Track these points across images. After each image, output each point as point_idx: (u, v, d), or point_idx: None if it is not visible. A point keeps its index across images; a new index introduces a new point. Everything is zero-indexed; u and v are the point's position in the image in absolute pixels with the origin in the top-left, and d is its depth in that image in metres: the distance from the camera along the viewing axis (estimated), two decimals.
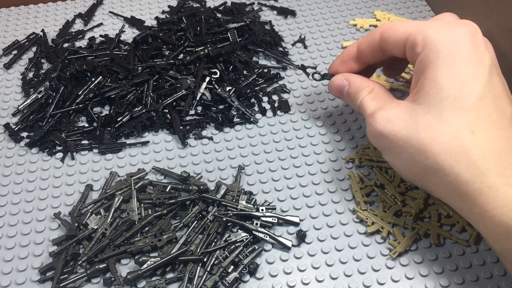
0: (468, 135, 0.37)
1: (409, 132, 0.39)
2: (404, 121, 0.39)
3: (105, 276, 0.42)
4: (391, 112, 0.40)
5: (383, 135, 0.40)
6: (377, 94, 0.44)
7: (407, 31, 0.41)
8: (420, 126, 0.38)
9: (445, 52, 0.38)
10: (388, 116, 0.40)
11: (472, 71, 0.38)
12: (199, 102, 0.56)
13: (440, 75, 0.38)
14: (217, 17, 0.66)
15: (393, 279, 0.42)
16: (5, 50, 0.62)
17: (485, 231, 0.37)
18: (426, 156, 0.37)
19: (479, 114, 0.37)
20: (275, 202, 0.48)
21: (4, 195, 0.48)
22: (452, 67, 0.38)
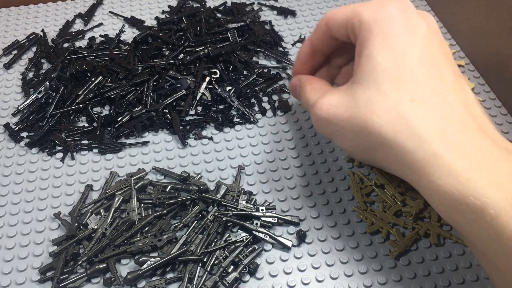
0: (407, 104, 0.36)
1: (351, 111, 0.38)
2: (346, 103, 0.39)
3: (105, 276, 0.42)
4: (332, 98, 0.40)
5: (327, 121, 0.40)
6: (318, 86, 0.44)
7: (346, 17, 0.42)
8: (360, 103, 0.38)
9: (377, 29, 0.39)
10: (329, 102, 0.40)
11: (405, 42, 0.38)
12: (199, 102, 0.56)
13: (374, 51, 0.38)
14: (217, 17, 0.66)
15: (393, 279, 0.42)
16: (5, 50, 0.62)
17: (433, 202, 0.35)
18: (369, 132, 0.37)
19: (417, 82, 0.37)
20: (275, 202, 0.48)
21: (4, 195, 0.48)
22: (385, 41, 0.38)
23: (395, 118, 0.36)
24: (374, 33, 0.39)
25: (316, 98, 0.42)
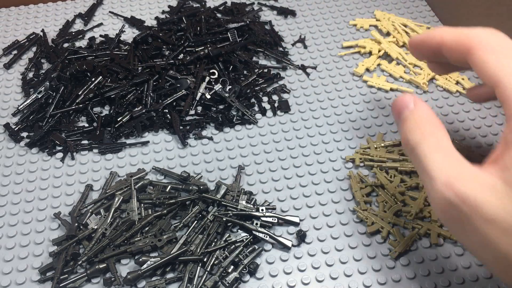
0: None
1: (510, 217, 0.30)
2: (504, 189, 0.31)
3: (105, 276, 0.42)
4: (481, 176, 0.32)
5: (470, 208, 0.31)
6: (447, 148, 0.35)
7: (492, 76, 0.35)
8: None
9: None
10: (477, 181, 0.32)
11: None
12: (199, 102, 0.56)
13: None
14: (217, 17, 0.66)
15: (393, 279, 0.42)
16: (5, 50, 0.62)
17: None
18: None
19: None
20: (275, 202, 0.48)
21: (4, 195, 0.48)
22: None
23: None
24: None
25: (448, 170, 0.33)
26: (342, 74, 0.60)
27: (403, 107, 0.38)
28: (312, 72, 0.60)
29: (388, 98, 0.57)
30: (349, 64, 0.61)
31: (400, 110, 0.38)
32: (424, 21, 0.66)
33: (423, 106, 0.37)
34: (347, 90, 0.58)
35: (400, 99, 0.38)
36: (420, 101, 0.38)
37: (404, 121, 0.38)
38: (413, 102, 0.38)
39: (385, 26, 0.64)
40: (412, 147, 0.36)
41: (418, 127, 0.36)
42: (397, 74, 0.59)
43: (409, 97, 0.38)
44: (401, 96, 0.39)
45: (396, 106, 0.39)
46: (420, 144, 0.35)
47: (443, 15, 0.66)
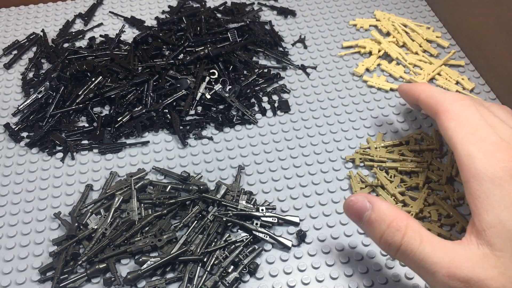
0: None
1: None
2: (497, 270, 0.33)
3: (105, 276, 0.42)
4: (477, 262, 0.33)
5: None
6: (428, 236, 0.36)
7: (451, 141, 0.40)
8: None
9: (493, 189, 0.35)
10: (471, 261, 0.33)
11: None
12: (199, 102, 0.56)
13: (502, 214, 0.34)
14: (217, 17, 0.66)
15: (393, 279, 0.42)
16: (5, 50, 0.62)
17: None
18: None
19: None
20: (275, 202, 0.48)
21: (4, 195, 0.48)
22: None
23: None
24: (490, 193, 0.35)
25: (443, 260, 0.34)
26: (342, 74, 0.60)
27: (360, 210, 0.38)
28: (312, 72, 0.60)
29: (388, 98, 0.57)
30: (349, 64, 0.61)
31: (358, 214, 0.38)
32: (424, 21, 0.66)
33: (380, 202, 0.37)
34: (347, 90, 0.58)
35: (353, 202, 0.38)
36: (374, 198, 0.38)
37: (369, 224, 0.37)
38: (367, 200, 0.38)
39: (385, 26, 0.64)
40: (396, 248, 0.36)
41: (392, 227, 0.36)
42: (397, 74, 0.59)
43: (361, 197, 0.38)
44: (351, 199, 0.38)
45: (352, 210, 0.38)
46: (404, 244, 0.35)
47: (443, 15, 0.66)
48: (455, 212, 0.45)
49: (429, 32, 0.64)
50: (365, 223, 0.38)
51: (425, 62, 0.60)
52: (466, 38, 0.62)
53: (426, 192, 0.47)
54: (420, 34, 0.63)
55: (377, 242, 0.37)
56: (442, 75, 0.59)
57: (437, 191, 0.47)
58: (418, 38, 0.63)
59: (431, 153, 0.50)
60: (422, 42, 0.62)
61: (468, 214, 0.46)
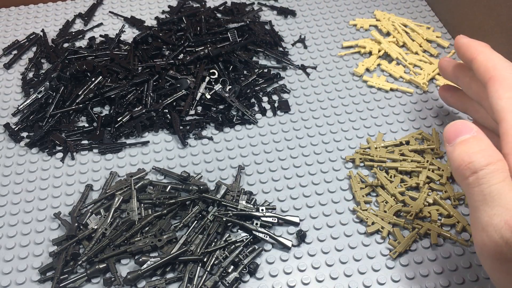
0: None
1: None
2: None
3: (105, 276, 0.42)
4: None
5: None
6: (510, 180, 0.33)
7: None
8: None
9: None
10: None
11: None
12: (199, 102, 0.56)
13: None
14: (217, 17, 0.66)
15: (393, 279, 0.42)
16: (5, 50, 0.62)
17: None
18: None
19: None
20: (275, 202, 0.48)
21: (4, 195, 0.48)
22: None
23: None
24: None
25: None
26: (342, 74, 0.60)
27: (462, 131, 0.36)
28: (312, 72, 0.60)
29: (388, 98, 0.57)
30: (349, 64, 0.61)
31: (458, 133, 0.36)
32: (424, 21, 0.66)
33: (485, 135, 0.36)
34: (347, 90, 0.58)
35: (461, 123, 0.37)
36: (481, 131, 0.36)
37: (464, 143, 0.35)
38: (475, 129, 0.36)
39: (385, 26, 0.64)
40: (475, 170, 0.33)
41: (486, 151, 0.34)
42: (397, 74, 0.59)
43: (471, 124, 0.36)
44: (461, 120, 0.37)
45: (453, 129, 0.37)
46: (487, 171, 0.33)
47: (443, 15, 0.66)
48: (455, 212, 0.45)
49: (429, 32, 0.64)
50: (457, 142, 0.35)
51: (425, 62, 0.60)
52: None
53: (426, 192, 0.47)
54: (420, 34, 0.63)
55: (457, 158, 0.35)
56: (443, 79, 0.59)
57: (437, 191, 0.47)
58: (418, 38, 0.63)
59: (431, 153, 0.50)
60: (422, 42, 0.62)
61: (468, 214, 0.46)
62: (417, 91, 0.57)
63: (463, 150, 0.35)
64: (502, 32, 0.55)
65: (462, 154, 0.35)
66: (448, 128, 0.37)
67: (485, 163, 0.33)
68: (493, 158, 0.34)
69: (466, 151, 0.35)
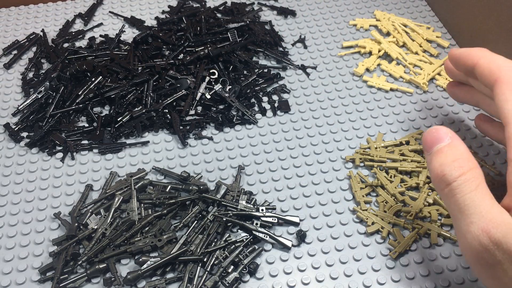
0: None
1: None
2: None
3: (105, 276, 0.42)
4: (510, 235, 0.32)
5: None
6: (484, 189, 0.34)
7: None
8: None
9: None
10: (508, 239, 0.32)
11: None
12: (199, 102, 0.56)
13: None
14: (217, 17, 0.66)
15: (393, 279, 0.42)
16: (5, 50, 0.62)
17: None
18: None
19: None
20: (275, 202, 0.48)
21: (4, 195, 0.48)
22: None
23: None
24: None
25: (486, 215, 0.33)
26: (342, 74, 0.60)
27: (437, 139, 0.37)
28: (312, 72, 0.60)
29: (388, 98, 0.57)
30: (349, 64, 0.61)
31: (434, 142, 0.37)
32: (424, 21, 0.66)
33: (460, 141, 0.37)
34: (347, 90, 0.58)
35: (435, 130, 0.37)
36: (456, 136, 0.37)
37: (438, 153, 0.36)
38: (449, 136, 0.37)
39: (385, 26, 0.64)
40: (449, 182, 0.35)
41: (458, 162, 0.35)
42: (397, 74, 0.59)
43: (445, 130, 0.37)
44: (435, 127, 0.38)
45: (429, 137, 0.37)
46: (459, 182, 0.34)
47: (443, 15, 0.66)
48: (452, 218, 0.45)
49: (429, 32, 0.64)
50: (433, 152, 0.37)
51: (425, 62, 0.60)
52: (466, 38, 0.62)
53: (426, 192, 0.47)
54: (420, 34, 0.63)
55: (433, 171, 0.36)
56: (442, 75, 0.59)
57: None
58: (418, 38, 0.63)
59: None
60: (422, 42, 0.62)
61: None
62: (417, 91, 0.57)
63: (437, 161, 0.36)
64: (502, 32, 0.55)
65: (437, 166, 0.36)
66: (425, 137, 0.38)
67: (457, 175, 0.35)
68: (464, 168, 0.35)
69: (440, 162, 0.36)
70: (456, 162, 0.35)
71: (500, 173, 0.48)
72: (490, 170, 0.49)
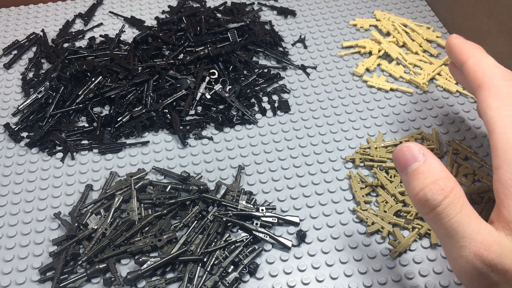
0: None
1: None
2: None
3: (105, 276, 0.42)
4: (506, 251, 0.32)
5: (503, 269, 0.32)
6: (469, 210, 0.33)
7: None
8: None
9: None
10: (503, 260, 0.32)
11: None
12: (199, 102, 0.56)
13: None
14: (217, 17, 0.66)
15: (393, 279, 0.42)
16: (5, 50, 0.62)
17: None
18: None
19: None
20: (275, 202, 0.48)
21: (4, 195, 0.48)
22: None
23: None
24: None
25: (476, 238, 0.32)
26: (342, 74, 0.60)
27: (411, 158, 0.35)
28: (312, 72, 0.60)
29: (388, 98, 0.57)
30: (349, 64, 0.61)
31: (408, 161, 0.35)
32: (424, 21, 0.66)
33: (433, 157, 0.35)
34: (347, 90, 0.58)
35: (406, 148, 0.35)
36: (429, 152, 0.35)
37: (414, 175, 0.34)
38: (422, 153, 0.35)
39: (385, 26, 0.64)
40: (433, 208, 0.33)
41: (438, 185, 0.33)
42: (397, 74, 0.59)
43: (417, 147, 0.35)
44: (405, 145, 0.35)
45: (402, 156, 0.35)
46: (443, 206, 0.33)
47: (443, 15, 0.66)
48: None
49: (429, 32, 0.64)
50: (409, 173, 0.34)
51: (425, 62, 0.60)
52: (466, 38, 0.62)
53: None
54: (420, 34, 0.63)
55: (413, 195, 0.34)
56: (442, 75, 0.59)
57: None
58: (418, 38, 0.63)
59: None
60: (422, 42, 0.62)
61: None
62: (417, 91, 0.57)
63: (416, 185, 0.34)
64: (502, 32, 0.55)
65: (417, 190, 0.34)
66: (397, 155, 0.36)
67: (440, 199, 0.33)
68: (446, 190, 0.33)
69: (420, 186, 0.34)
70: (437, 185, 0.33)
71: None
72: (490, 170, 0.49)
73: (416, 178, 0.34)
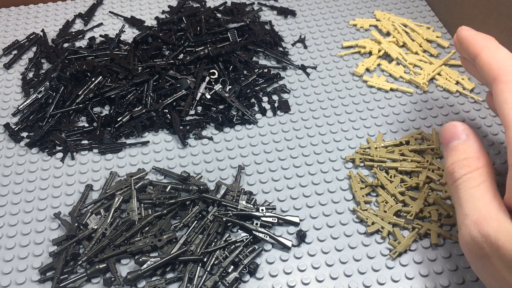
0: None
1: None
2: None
3: (105, 276, 0.42)
4: (504, 229, 0.33)
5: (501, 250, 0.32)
6: (486, 187, 0.35)
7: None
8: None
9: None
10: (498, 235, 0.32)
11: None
12: (199, 102, 0.56)
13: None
14: (217, 17, 0.66)
15: (393, 279, 0.42)
16: (5, 50, 0.62)
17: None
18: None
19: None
20: (275, 202, 0.48)
21: (4, 195, 0.48)
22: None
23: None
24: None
25: (480, 210, 0.34)
26: (342, 74, 0.60)
27: (454, 136, 0.39)
28: (312, 72, 0.60)
29: (388, 98, 0.57)
30: (349, 64, 0.61)
31: (451, 138, 0.39)
32: (424, 21, 0.66)
33: (474, 139, 0.38)
34: (347, 90, 0.58)
35: (453, 126, 0.39)
36: (472, 134, 0.38)
37: (453, 150, 0.38)
38: (465, 133, 0.38)
39: (385, 26, 0.64)
40: (455, 179, 0.37)
41: (467, 162, 0.37)
42: (397, 74, 0.59)
43: (463, 127, 0.39)
44: (453, 123, 0.39)
45: (447, 133, 0.39)
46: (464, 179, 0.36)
47: (443, 15, 0.66)
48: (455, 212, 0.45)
49: (429, 32, 0.64)
50: (450, 148, 0.38)
51: (425, 62, 0.60)
52: None
53: (426, 192, 0.47)
54: (420, 34, 0.63)
55: (446, 167, 0.38)
56: (442, 75, 0.59)
57: (437, 191, 0.47)
58: (418, 38, 0.63)
59: (431, 153, 0.50)
60: (422, 42, 0.62)
61: None
62: (417, 91, 0.57)
63: (451, 159, 0.38)
64: (502, 32, 0.55)
65: (449, 163, 0.38)
66: (443, 131, 0.40)
67: (463, 173, 0.37)
68: (471, 167, 0.36)
69: (452, 160, 0.38)
70: (466, 161, 0.37)
71: (500, 173, 0.48)
72: None
73: (454, 154, 0.38)
